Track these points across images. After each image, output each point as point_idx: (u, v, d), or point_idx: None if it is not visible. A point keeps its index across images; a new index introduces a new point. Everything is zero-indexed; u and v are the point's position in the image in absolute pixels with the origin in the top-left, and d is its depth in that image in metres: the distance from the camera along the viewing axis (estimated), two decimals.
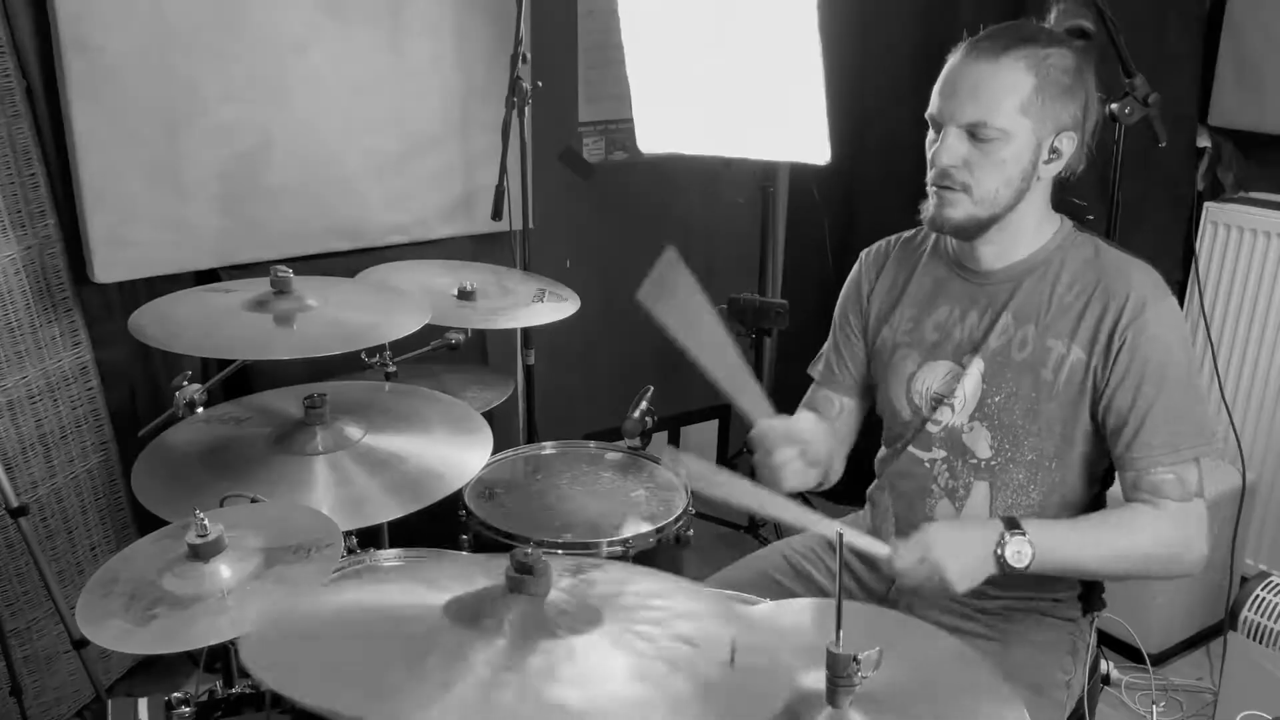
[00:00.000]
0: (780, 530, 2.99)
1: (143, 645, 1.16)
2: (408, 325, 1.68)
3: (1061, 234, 1.54)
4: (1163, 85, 1.92)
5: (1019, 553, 1.38)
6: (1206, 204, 2.74)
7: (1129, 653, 2.49)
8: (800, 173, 3.17)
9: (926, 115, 1.50)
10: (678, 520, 1.82)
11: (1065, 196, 1.59)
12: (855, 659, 1.01)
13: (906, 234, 1.71)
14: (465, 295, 2.16)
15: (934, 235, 1.65)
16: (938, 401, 1.57)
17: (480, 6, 2.67)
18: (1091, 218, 1.60)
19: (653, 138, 2.77)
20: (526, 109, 2.49)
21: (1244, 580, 2.32)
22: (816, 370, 1.78)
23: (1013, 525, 1.40)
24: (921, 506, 1.60)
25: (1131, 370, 1.44)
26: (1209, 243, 2.74)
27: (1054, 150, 1.46)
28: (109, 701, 1.35)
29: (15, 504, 1.96)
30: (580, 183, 3.10)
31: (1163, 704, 2.21)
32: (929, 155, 1.49)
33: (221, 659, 1.44)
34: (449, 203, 2.76)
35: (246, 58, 2.38)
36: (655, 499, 1.90)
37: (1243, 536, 2.63)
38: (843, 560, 1.05)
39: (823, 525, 1.39)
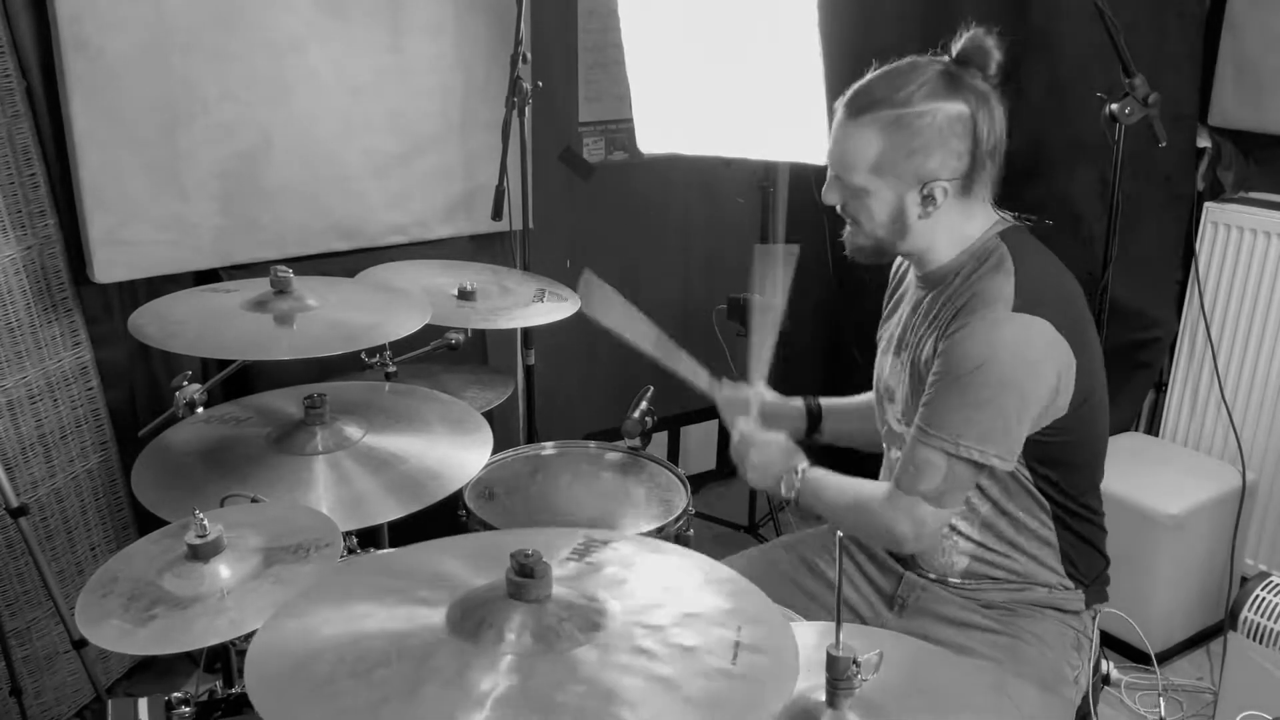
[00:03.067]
0: (780, 528, 2.99)
1: (142, 645, 1.16)
2: (408, 325, 1.69)
3: (984, 239, 1.52)
4: (1163, 85, 1.92)
5: (790, 487, 1.59)
6: (1206, 204, 2.74)
7: (1129, 652, 2.49)
8: (800, 173, 3.16)
9: None
10: (678, 520, 1.82)
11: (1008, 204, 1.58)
12: (855, 661, 1.03)
13: None
14: (465, 295, 2.16)
15: None
16: (888, 392, 1.64)
17: (480, 6, 2.67)
18: (1034, 220, 1.59)
19: (653, 138, 2.76)
20: (526, 109, 2.49)
21: (1244, 580, 2.32)
22: None
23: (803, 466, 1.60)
24: None
25: (935, 367, 1.47)
26: (1209, 243, 2.74)
27: (926, 198, 1.46)
28: (109, 701, 1.35)
29: (15, 504, 1.96)
30: (580, 183, 3.10)
31: (1163, 704, 2.21)
32: None
33: (221, 659, 1.44)
34: (448, 203, 2.76)
35: (246, 57, 2.38)
36: (655, 499, 1.90)
37: (1243, 536, 2.63)
38: (842, 562, 1.05)
39: (701, 380, 1.80)
